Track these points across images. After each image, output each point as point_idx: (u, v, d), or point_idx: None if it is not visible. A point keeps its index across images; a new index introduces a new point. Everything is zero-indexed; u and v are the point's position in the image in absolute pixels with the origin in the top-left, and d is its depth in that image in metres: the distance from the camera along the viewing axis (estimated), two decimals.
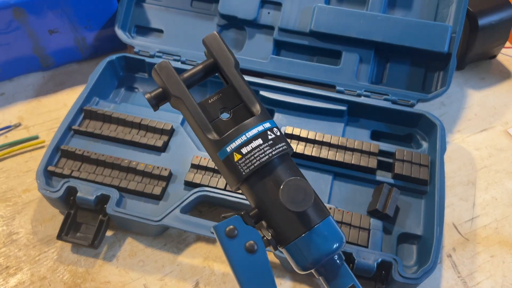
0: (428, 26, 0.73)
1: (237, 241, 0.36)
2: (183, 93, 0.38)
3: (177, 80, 0.38)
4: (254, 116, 0.37)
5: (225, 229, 0.36)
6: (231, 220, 0.37)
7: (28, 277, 0.61)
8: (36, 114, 0.81)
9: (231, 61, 0.39)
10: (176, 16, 0.83)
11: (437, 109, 0.83)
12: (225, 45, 0.39)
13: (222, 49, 0.39)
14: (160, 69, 0.39)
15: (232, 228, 0.36)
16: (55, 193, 0.62)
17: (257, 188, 0.37)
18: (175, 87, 0.38)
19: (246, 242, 0.36)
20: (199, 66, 0.40)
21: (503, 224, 0.68)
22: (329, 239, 0.36)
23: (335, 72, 0.76)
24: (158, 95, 0.39)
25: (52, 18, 0.79)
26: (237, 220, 0.37)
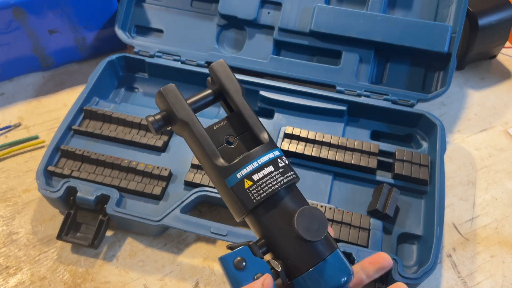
0: (428, 26, 0.73)
1: (246, 273, 0.35)
2: (190, 118, 0.37)
3: (184, 104, 0.37)
4: (263, 144, 0.37)
5: (233, 261, 0.35)
6: (239, 251, 0.35)
7: (28, 277, 0.61)
8: (36, 114, 0.81)
9: (239, 89, 0.38)
10: (176, 16, 0.83)
11: (437, 109, 0.83)
12: (232, 73, 0.39)
13: (230, 77, 0.39)
14: (166, 92, 0.38)
15: (240, 260, 0.35)
16: (55, 193, 0.62)
17: (267, 218, 0.35)
18: (182, 111, 0.37)
19: (255, 274, 0.35)
20: (205, 92, 0.39)
21: (503, 224, 0.68)
22: (338, 272, 0.35)
23: (335, 72, 0.76)
24: (163, 118, 0.38)
25: (52, 18, 0.79)
26: (245, 251, 0.35)
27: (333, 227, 0.60)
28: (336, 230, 0.60)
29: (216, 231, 0.59)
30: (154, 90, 0.81)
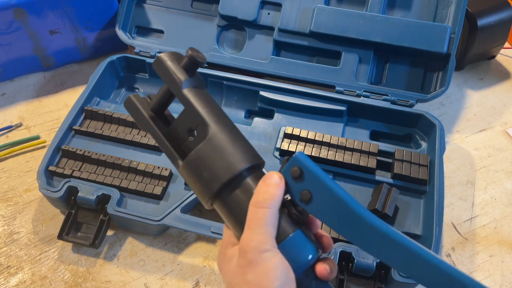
0: (427, 26, 0.73)
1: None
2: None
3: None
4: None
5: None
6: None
7: (29, 276, 0.61)
8: (37, 114, 0.81)
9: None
10: (177, 16, 0.83)
11: (436, 109, 0.83)
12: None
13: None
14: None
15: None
16: (56, 193, 0.62)
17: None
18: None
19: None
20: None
21: (502, 223, 0.68)
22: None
23: (334, 73, 0.76)
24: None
25: (52, 19, 0.79)
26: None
27: None
28: None
29: (216, 231, 0.59)
30: (155, 90, 0.81)
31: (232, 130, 0.38)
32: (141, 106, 0.39)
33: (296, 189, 0.35)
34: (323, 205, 0.34)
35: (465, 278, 0.30)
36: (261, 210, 0.34)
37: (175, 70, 0.38)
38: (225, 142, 0.36)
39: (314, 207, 0.34)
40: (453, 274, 0.30)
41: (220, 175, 0.36)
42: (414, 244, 0.32)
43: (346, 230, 0.34)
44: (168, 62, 0.38)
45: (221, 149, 0.36)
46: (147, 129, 0.39)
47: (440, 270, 0.31)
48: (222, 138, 0.37)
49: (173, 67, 0.38)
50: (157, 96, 0.40)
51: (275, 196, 0.34)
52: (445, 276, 0.30)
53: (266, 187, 0.34)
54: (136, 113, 0.40)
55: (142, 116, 0.39)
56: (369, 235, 0.33)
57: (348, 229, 0.34)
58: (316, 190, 0.34)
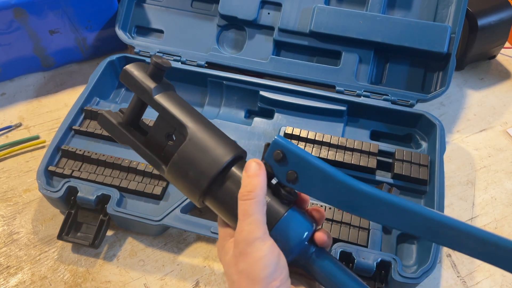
0: (428, 26, 0.73)
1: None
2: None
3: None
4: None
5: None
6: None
7: (28, 276, 0.61)
8: (36, 114, 0.81)
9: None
10: (176, 16, 0.83)
11: (436, 109, 0.83)
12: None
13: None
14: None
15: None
16: (55, 193, 0.62)
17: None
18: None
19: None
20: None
21: (502, 224, 0.68)
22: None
23: (334, 72, 0.76)
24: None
25: (52, 19, 0.79)
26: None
27: (333, 227, 0.60)
28: (336, 230, 0.60)
29: (216, 231, 0.59)
30: None
31: (209, 126, 0.39)
32: (115, 120, 0.40)
33: (282, 171, 0.36)
34: (310, 181, 0.36)
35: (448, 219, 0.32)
36: (246, 202, 0.35)
37: (143, 79, 0.39)
38: (205, 139, 0.37)
39: (302, 185, 0.36)
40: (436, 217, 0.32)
41: (206, 172, 0.36)
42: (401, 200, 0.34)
43: (335, 200, 0.36)
44: (135, 72, 0.39)
45: (202, 147, 0.37)
46: (126, 141, 0.40)
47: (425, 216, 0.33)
48: (201, 136, 0.37)
49: (141, 76, 0.39)
50: (129, 108, 0.40)
51: (257, 185, 0.35)
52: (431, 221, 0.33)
53: (248, 178, 0.35)
54: (111, 128, 0.40)
55: (118, 130, 0.40)
56: (358, 199, 0.35)
57: (337, 198, 0.35)
58: (300, 169, 0.36)
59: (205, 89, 0.79)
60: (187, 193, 0.38)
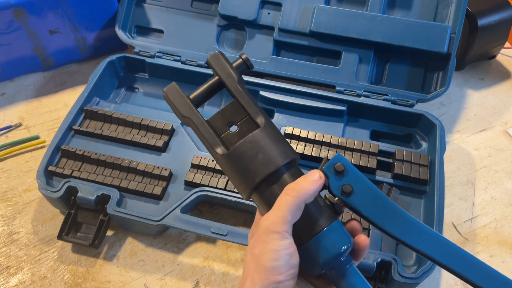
0: (428, 26, 0.73)
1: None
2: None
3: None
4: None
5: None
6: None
7: (28, 276, 0.61)
8: (36, 114, 0.81)
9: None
10: (176, 16, 0.83)
11: (436, 109, 0.83)
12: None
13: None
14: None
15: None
16: (55, 193, 0.62)
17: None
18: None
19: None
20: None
21: (503, 224, 0.68)
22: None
23: (334, 72, 0.76)
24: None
25: (52, 19, 0.79)
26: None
27: None
28: None
29: (216, 231, 0.59)
30: (155, 90, 0.81)
31: (275, 126, 0.40)
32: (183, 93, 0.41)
33: (338, 183, 0.39)
34: (362, 197, 0.39)
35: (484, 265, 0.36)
36: (286, 196, 0.36)
37: (230, 66, 0.41)
38: (269, 137, 0.39)
39: (354, 199, 0.38)
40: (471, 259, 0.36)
41: (261, 170, 0.37)
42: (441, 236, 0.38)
43: (382, 218, 0.38)
44: (223, 57, 0.41)
45: (265, 144, 0.38)
46: (189, 114, 0.40)
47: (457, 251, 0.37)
48: (267, 132, 0.39)
49: (229, 63, 0.41)
50: (202, 87, 0.42)
51: (306, 190, 0.36)
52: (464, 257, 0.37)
53: (304, 179, 0.37)
54: (178, 98, 0.41)
55: (184, 101, 0.40)
56: (402, 223, 0.38)
57: (385, 218, 0.38)
58: (357, 184, 0.39)
59: None
60: (237, 184, 0.39)
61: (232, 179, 0.39)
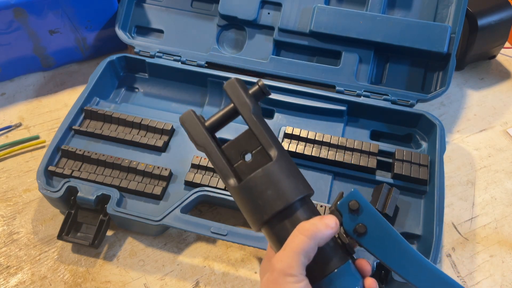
0: (428, 26, 0.73)
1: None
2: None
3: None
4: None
5: None
6: None
7: (28, 276, 0.61)
8: (36, 114, 0.81)
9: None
10: (176, 16, 0.83)
11: (436, 109, 0.83)
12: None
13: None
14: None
15: None
16: (55, 193, 0.62)
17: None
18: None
19: None
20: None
21: (503, 224, 0.68)
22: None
23: (334, 72, 0.76)
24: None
25: (52, 19, 0.79)
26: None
27: None
28: None
29: (216, 231, 0.59)
30: (155, 90, 0.81)
31: (289, 158, 0.39)
32: (199, 121, 0.41)
33: (351, 222, 0.37)
34: (376, 238, 0.37)
35: None
36: (300, 237, 0.35)
37: (246, 94, 0.40)
38: (284, 170, 0.38)
39: (368, 240, 0.37)
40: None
41: (272, 205, 0.37)
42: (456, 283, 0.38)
43: (395, 261, 0.37)
44: (240, 85, 0.40)
45: (279, 177, 0.37)
46: (203, 142, 0.40)
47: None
48: (280, 166, 0.38)
49: (245, 91, 0.40)
50: (217, 115, 0.41)
51: (320, 233, 0.35)
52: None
53: (319, 221, 0.36)
54: (193, 125, 0.40)
55: (199, 129, 0.40)
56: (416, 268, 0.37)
57: (398, 261, 0.37)
58: (371, 224, 0.37)
59: (205, 89, 0.79)
60: (248, 216, 0.38)
61: (243, 210, 0.39)
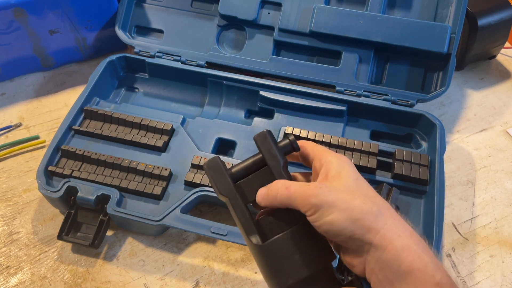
0: (428, 26, 0.73)
1: None
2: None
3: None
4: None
5: None
6: None
7: (28, 276, 0.61)
8: (36, 114, 0.81)
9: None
10: (176, 16, 0.83)
11: (436, 109, 0.83)
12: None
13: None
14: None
15: None
16: (55, 193, 0.62)
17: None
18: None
19: None
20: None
21: (503, 224, 0.68)
22: None
23: (334, 72, 0.76)
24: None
25: (52, 19, 0.79)
26: None
27: None
28: None
29: (216, 231, 0.59)
30: (155, 90, 0.81)
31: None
32: (225, 169, 0.39)
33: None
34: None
35: None
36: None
37: (276, 147, 0.39)
38: (308, 236, 0.37)
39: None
40: None
41: (296, 271, 0.35)
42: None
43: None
44: (270, 138, 0.40)
45: (303, 243, 0.36)
46: (226, 192, 0.39)
47: None
48: (306, 230, 0.36)
49: (275, 144, 0.40)
50: (244, 164, 0.40)
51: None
52: None
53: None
54: (218, 173, 0.39)
55: (224, 178, 0.39)
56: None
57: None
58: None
59: (205, 89, 0.79)
60: (268, 278, 0.37)
61: (262, 271, 0.37)
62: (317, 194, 0.34)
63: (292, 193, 0.35)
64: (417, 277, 0.32)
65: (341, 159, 0.38)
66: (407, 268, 0.32)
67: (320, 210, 0.34)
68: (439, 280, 0.32)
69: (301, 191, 0.35)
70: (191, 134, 0.71)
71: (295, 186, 0.36)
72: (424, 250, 0.33)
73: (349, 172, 0.37)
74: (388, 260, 0.32)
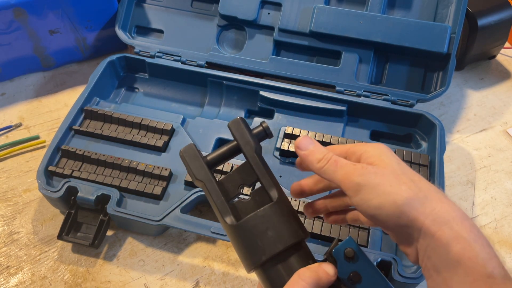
0: (428, 26, 0.73)
1: None
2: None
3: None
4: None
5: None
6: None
7: (28, 276, 0.61)
8: (36, 114, 0.81)
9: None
10: (176, 16, 0.83)
11: (436, 109, 0.83)
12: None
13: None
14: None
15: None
16: (55, 193, 0.62)
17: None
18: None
19: None
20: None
21: (502, 224, 0.68)
22: None
23: (334, 72, 0.76)
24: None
25: (52, 19, 0.79)
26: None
27: (333, 227, 0.60)
28: (336, 230, 0.60)
29: (216, 231, 0.59)
30: (155, 90, 0.81)
31: (287, 200, 0.39)
32: (200, 155, 0.40)
33: (346, 269, 0.36)
34: (371, 287, 0.36)
35: None
36: (301, 283, 0.34)
37: (250, 134, 0.41)
38: (282, 213, 0.37)
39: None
40: None
41: (269, 248, 0.36)
42: None
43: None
44: (244, 125, 0.41)
45: (276, 220, 0.37)
46: (202, 176, 0.40)
47: None
48: (280, 208, 0.38)
49: (249, 130, 0.41)
50: (219, 150, 0.41)
51: (321, 281, 0.34)
52: None
53: (319, 269, 0.35)
54: (193, 159, 0.40)
55: (199, 163, 0.40)
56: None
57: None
58: (366, 273, 0.36)
59: (205, 89, 0.79)
60: (242, 257, 0.38)
61: (237, 250, 0.38)
62: (363, 174, 0.34)
63: (339, 167, 0.35)
64: (466, 267, 0.30)
65: (376, 145, 0.37)
66: (456, 257, 0.30)
67: (362, 191, 0.33)
68: (491, 271, 0.29)
69: (347, 167, 0.35)
70: (191, 134, 0.71)
71: (343, 161, 0.35)
72: (476, 238, 0.30)
73: (390, 156, 0.35)
74: (436, 247, 0.31)
